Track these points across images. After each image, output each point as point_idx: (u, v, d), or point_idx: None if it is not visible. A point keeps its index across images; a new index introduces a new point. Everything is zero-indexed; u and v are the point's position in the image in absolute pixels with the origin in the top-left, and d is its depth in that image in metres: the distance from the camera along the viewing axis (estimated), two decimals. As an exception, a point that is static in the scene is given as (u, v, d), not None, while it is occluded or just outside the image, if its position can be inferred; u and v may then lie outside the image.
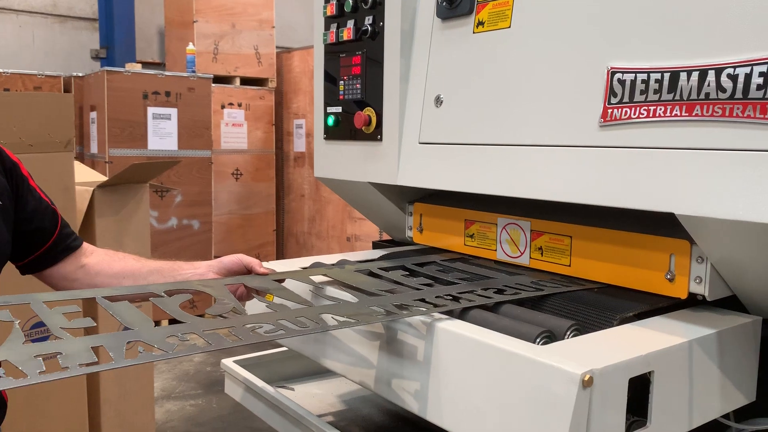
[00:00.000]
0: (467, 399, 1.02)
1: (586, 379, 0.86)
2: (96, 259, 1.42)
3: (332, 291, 1.29)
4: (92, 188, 2.35)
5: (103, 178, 2.48)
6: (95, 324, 0.98)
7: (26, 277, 1.42)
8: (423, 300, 1.18)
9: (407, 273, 1.41)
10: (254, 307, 1.25)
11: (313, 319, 1.06)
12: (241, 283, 1.30)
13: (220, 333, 0.96)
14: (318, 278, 1.38)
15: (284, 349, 1.73)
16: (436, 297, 1.20)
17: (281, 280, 1.32)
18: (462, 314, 1.15)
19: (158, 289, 1.14)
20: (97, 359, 0.84)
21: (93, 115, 4.83)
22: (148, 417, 2.64)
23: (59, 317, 0.96)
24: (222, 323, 1.00)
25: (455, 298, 1.21)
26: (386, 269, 1.42)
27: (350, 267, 1.44)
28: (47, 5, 6.36)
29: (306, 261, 1.58)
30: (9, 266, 1.37)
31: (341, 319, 1.07)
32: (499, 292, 1.25)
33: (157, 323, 1.00)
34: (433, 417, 1.07)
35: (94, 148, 4.87)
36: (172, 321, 1.00)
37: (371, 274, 1.40)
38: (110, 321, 1.04)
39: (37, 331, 2.08)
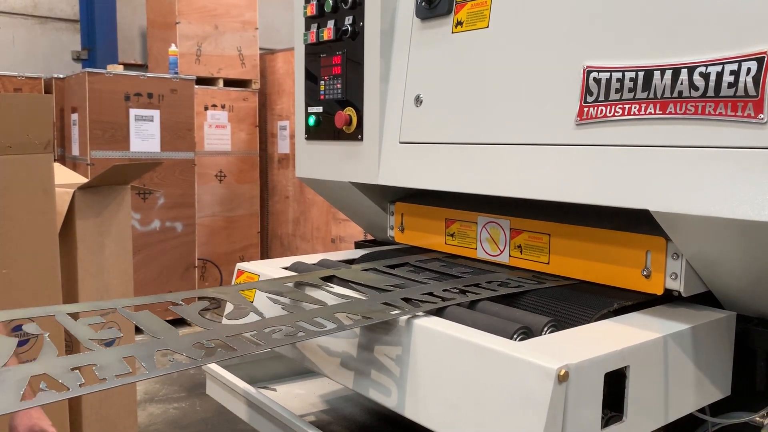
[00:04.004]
0: (444, 395, 1.02)
1: (562, 374, 0.87)
2: None
3: (341, 289, 1.30)
4: (72, 190, 2.33)
5: (84, 180, 2.46)
6: (122, 335, 0.99)
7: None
8: (431, 294, 1.20)
9: (412, 269, 1.43)
10: (269, 309, 1.26)
11: (328, 318, 1.07)
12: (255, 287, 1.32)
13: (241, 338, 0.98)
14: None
15: (266, 349, 1.73)
16: (444, 290, 1.22)
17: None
18: (440, 311, 1.16)
19: (176, 298, 1.17)
20: (131, 369, 0.85)
21: (74, 116, 4.79)
22: (130, 420, 2.61)
23: (86, 329, 0.97)
24: (243, 328, 1.02)
25: (462, 291, 1.23)
26: (392, 266, 1.44)
27: (357, 267, 1.46)
28: (27, 6, 6.29)
29: (287, 261, 1.58)
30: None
31: (356, 317, 1.08)
32: (503, 284, 1.28)
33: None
34: (410, 413, 1.08)
35: (75, 150, 4.82)
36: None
37: (378, 271, 1.42)
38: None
39: (17, 334, 2.05)
